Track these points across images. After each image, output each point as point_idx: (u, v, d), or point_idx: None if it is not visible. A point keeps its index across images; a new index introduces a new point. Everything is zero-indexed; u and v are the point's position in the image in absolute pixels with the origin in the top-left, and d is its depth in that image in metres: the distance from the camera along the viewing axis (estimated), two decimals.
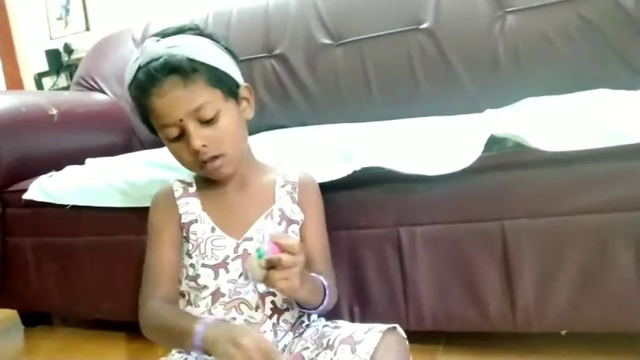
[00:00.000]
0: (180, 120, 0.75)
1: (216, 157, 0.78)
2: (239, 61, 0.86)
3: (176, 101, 0.75)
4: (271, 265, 0.67)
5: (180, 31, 0.80)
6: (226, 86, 0.80)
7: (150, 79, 0.75)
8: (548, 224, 0.91)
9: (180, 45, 0.77)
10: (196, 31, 0.81)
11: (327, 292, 0.82)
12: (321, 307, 0.83)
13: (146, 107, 0.77)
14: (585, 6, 1.32)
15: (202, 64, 0.77)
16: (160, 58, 0.75)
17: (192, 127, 0.76)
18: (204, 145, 0.76)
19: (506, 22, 1.41)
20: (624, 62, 1.30)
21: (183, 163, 0.81)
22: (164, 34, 0.79)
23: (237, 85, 0.83)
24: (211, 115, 0.77)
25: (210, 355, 0.68)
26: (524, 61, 1.38)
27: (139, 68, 0.77)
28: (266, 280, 0.69)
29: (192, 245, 0.82)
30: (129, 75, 0.79)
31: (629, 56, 1.29)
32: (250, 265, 0.69)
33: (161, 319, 0.78)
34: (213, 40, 0.82)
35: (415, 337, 0.84)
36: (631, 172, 0.86)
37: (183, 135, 0.77)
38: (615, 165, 0.86)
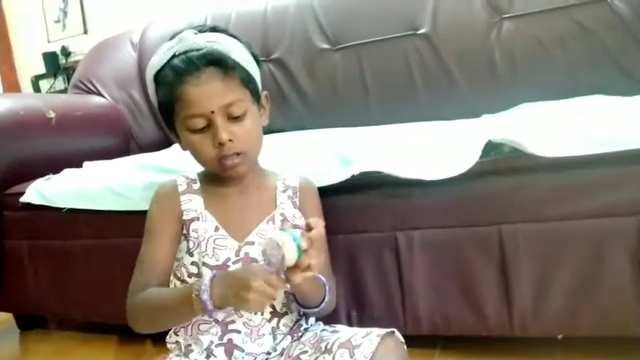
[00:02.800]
0: (212, 112, 0.76)
1: (237, 154, 0.79)
2: (261, 68, 0.87)
3: (212, 92, 0.76)
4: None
5: (215, 30, 0.82)
6: (254, 90, 0.82)
7: (189, 67, 0.75)
8: (545, 229, 0.92)
9: (219, 41, 0.79)
10: (228, 33, 0.83)
11: (327, 288, 0.82)
12: (322, 305, 0.82)
13: (175, 94, 0.77)
14: (581, 13, 1.34)
15: (238, 63, 0.79)
16: (200, 49, 0.77)
17: (220, 120, 0.77)
18: (230, 140, 0.77)
19: (503, 28, 1.42)
20: (619, 68, 1.31)
21: (201, 156, 0.80)
22: (201, 30, 0.81)
23: (259, 92, 0.85)
24: (240, 112, 0.78)
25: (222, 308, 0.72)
26: (520, 67, 1.39)
27: (175, 56, 0.77)
28: (299, 262, 0.69)
29: (193, 243, 0.82)
30: (159, 60, 0.79)
31: (624, 62, 1.30)
32: (288, 251, 0.67)
33: (157, 299, 0.79)
34: (242, 44, 0.83)
35: (413, 340, 0.84)
36: (626, 177, 0.87)
37: (207, 127, 0.78)
38: (611, 170, 0.87)
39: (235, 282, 0.70)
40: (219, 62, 0.76)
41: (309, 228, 0.70)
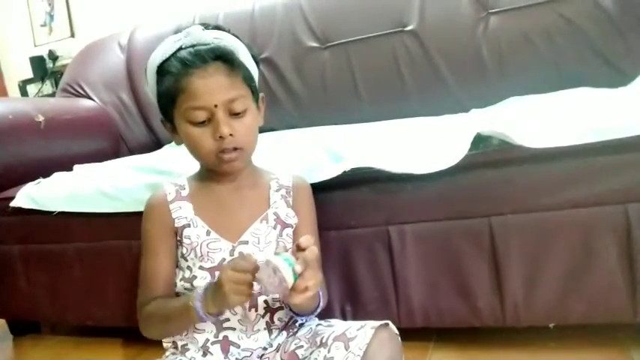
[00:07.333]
0: (215, 106, 0.77)
1: (235, 149, 0.80)
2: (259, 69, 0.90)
3: (217, 86, 0.77)
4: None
5: (219, 29, 0.84)
6: (255, 89, 0.84)
7: (197, 59, 0.77)
8: (535, 219, 0.93)
9: (225, 39, 0.81)
10: (231, 33, 0.85)
11: (320, 294, 0.82)
12: (317, 311, 0.84)
13: (180, 85, 0.77)
14: (566, 7, 1.35)
15: (242, 62, 0.81)
16: (208, 44, 0.79)
17: (222, 115, 0.78)
18: (230, 135, 0.78)
19: (490, 23, 1.43)
20: (604, 61, 1.32)
21: (199, 149, 0.81)
22: (206, 27, 0.82)
23: (258, 93, 0.87)
24: (241, 109, 0.80)
25: (218, 314, 0.75)
26: (507, 62, 1.40)
27: (181, 48, 0.79)
28: (296, 286, 0.68)
29: (187, 249, 0.83)
30: (164, 51, 0.80)
31: (609, 55, 1.32)
32: (283, 274, 0.67)
33: (162, 310, 0.81)
34: (245, 45, 0.85)
35: (407, 333, 0.85)
36: (613, 166, 0.88)
37: (208, 121, 0.79)
38: (598, 160, 0.88)
39: (214, 284, 0.72)
40: (226, 58, 0.78)
41: (299, 248, 0.70)
